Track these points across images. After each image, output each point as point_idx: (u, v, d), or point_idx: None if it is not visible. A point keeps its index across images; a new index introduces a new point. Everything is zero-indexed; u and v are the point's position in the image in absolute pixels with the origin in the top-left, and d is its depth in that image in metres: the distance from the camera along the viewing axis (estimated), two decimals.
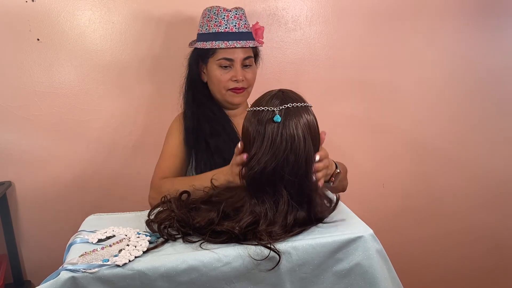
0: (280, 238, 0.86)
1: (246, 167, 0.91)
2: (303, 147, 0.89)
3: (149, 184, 1.26)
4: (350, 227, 0.91)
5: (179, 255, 0.83)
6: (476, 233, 1.99)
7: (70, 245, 0.91)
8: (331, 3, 1.67)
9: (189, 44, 1.31)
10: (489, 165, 1.93)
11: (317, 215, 0.93)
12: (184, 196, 1.03)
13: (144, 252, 0.84)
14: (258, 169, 0.89)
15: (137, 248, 0.85)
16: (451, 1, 1.75)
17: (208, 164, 1.20)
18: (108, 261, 0.81)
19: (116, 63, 1.56)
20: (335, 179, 1.09)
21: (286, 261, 0.85)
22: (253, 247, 0.84)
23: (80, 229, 0.99)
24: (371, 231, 0.89)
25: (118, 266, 0.80)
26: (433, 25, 1.76)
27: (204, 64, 1.28)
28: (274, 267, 0.84)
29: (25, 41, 1.49)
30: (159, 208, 1.00)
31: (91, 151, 1.61)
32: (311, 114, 0.94)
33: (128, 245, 0.86)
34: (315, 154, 0.95)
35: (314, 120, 0.94)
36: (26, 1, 1.47)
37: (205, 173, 1.14)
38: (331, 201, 1.00)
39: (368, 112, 1.79)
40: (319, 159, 0.96)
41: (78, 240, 0.92)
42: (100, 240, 0.92)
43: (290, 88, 0.98)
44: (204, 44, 1.23)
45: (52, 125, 1.56)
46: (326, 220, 0.94)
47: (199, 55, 1.28)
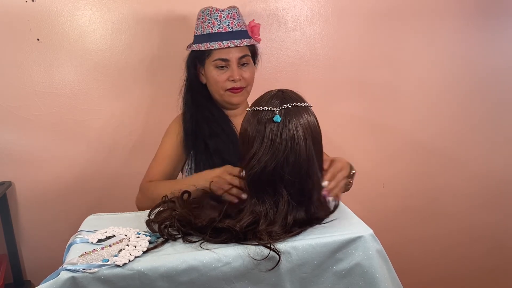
0: (280, 238, 0.86)
1: (246, 167, 0.91)
2: (304, 147, 0.89)
3: None
4: (350, 227, 0.91)
5: (179, 255, 0.83)
6: (476, 233, 1.99)
7: (70, 245, 0.91)
8: (331, 3, 1.67)
9: (187, 48, 1.31)
10: (489, 165, 1.93)
11: (317, 215, 0.93)
12: (185, 196, 1.03)
13: (144, 252, 0.84)
14: (258, 169, 0.89)
15: (137, 248, 0.85)
16: (451, 1, 1.75)
17: (208, 165, 1.20)
18: (108, 261, 0.81)
19: (116, 63, 1.56)
20: (352, 180, 1.11)
21: (286, 261, 0.85)
22: (253, 247, 0.84)
23: (80, 229, 0.99)
24: (371, 231, 0.89)
25: (118, 266, 0.80)
26: (433, 25, 1.76)
27: (202, 66, 1.28)
28: (274, 267, 0.84)
29: (25, 41, 1.49)
30: (160, 208, 1.00)
31: (91, 151, 1.61)
32: (311, 114, 0.94)
33: (128, 245, 0.86)
34: (322, 181, 0.97)
35: (315, 120, 0.94)
36: (26, 1, 1.47)
37: (186, 178, 1.16)
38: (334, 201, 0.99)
39: (368, 112, 1.79)
40: (327, 183, 0.98)
41: (78, 240, 0.92)
42: (100, 240, 0.92)
43: (290, 88, 0.98)
44: (199, 46, 1.24)
45: (52, 125, 1.56)
46: (326, 220, 0.94)
47: (196, 57, 1.28)
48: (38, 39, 1.50)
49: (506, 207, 1.99)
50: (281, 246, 0.85)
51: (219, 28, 1.22)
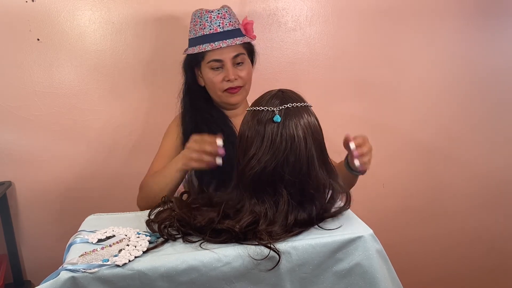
0: (280, 238, 0.86)
1: (246, 167, 0.91)
2: (304, 147, 0.89)
3: None
4: (350, 227, 0.91)
5: (179, 255, 0.83)
6: (476, 233, 1.99)
7: (70, 245, 0.91)
8: (331, 3, 1.67)
9: (183, 52, 1.31)
10: (489, 165, 1.93)
11: (319, 215, 0.93)
12: (185, 196, 1.03)
13: (144, 252, 0.84)
14: (258, 169, 0.89)
15: (137, 248, 0.85)
16: (451, 1, 1.75)
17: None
18: (108, 261, 0.81)
19: (116, 63, 1.56)
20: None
21: (286, 261, 0.85)
22: (253, 247, 0.84)
23: (80, 229, 0.99)
24: (371, 231, 0.89)
25: (118, 266, 0.80)
26: (433, 25, 1.76)
27: (199, 69, 1.28)
28: (274, 267, 0.84)
29: (25, 41, 1.49)
30: (160, 208, 1.00)
31: (91, 151, 1.61)
32: (312, 114, 0.94)
33: (128, 245, 0.86)
34: (350, 142, 1.01)
35: (315, 120, 0.94)
36: (26, 1, 1.47)
37: (168, 163, 1.16)
38: (347, 199, 0.98)
39: (368, 112, 1.78)
40: (356, 145, 1.01)
41: (78, 240, 0.92)
42: (100, 240, 0.92)
43: (290, 88, 0.98)
44: (193, 49, 1.24)
45: (52, 125, 1.56)
46: (326, 220, 0.94)
47: (192, 61, 1.28)
48: (38, 39, 1.50)
49: (506, 207, 1.99)
50: (281, 246, 0.85)
51: (210, 29, 1.22)
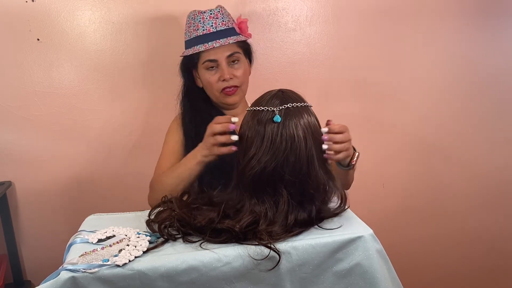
0: (280, 238, 0.86)
1: (246, 167, 0.91)
2: (304, 147, 0.89)
3: (149, 184, 1.26)
4: (350, 227, 0.91)
5: (179, 255, 0.83)
6: (476, 233, 1.99)
7: (70, 245, 0.91)
8: (331, 3, 1.67)
9: (180, 55, 1.32)
10: (489, 165, 1.93)
11: (319, 215, 0.93)
12: (185, 196, 1.03)
13: (144, 252, 0.84)
14: (258, 169, 0.89)
15: (137, 248, 0.85)
16: (451, 1, 1.75)
17: (207, 166, 1.20)
18: (108, 261, 0.81)
19: (116, 63, 1.56)
20: (356, 161, 1.07)
21: (286, 261, 0.85)
22: (253, 247, 0.84)
23: (80, 229, 0.99)
24: (371, 231, 0.89)
25: (118, 266, 0.80)
26: (433, 25, 1.76)
27: (196, 70, 1.28)
28: (274, 267, 0.84)
29: (25, 41, 1.49)
30: (160, 208, 1.00)
31: (91, 151, 1.61)
32: (312, 114, 0.94)
33: (128, 245, 0.86)
34: (324, 127, 0.95)
35: (315, 120, 0.94)
36: (26, 1, 1.47)
37: (185, 157, 1.16)
38: (342, 199, 0.98)
39: (368, 112, 1.78)
40: (329, 131, 0.95)
41: (78, 240, 0.92)
42: (100, 240, 0.92)
43: (290, 88, 0.98)
44: (188, 51, 1.25)
45: (52, 125, 1.56)
46: (326, 220, 0.94)
47: (188, 63, 1.29)
48: (38, 39, 1.50)
49: (506, 207, 1.99)
50: (281, 246, 0.85)
51: (204, 30, 1.23)
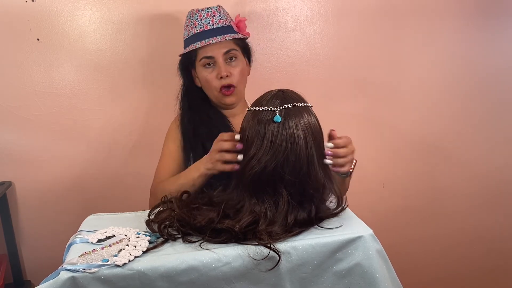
0: (280, 238, 0.86)
1: (246, 167, 0.91)
2: (304, 147, 0.89)
3: (149, 184, 1.26)
4: (350, 227, 0.91)
5: (179, 255, 0.83)
6: (476, 233, 1.99)
7: (70, 245, 0.91)
8: (331, 3, 1.67)
9: (179, 55, 1.32)
10: (489, 165, 1.93)
11: (319, 215, 0.93)
12: (185, 196, 1.03)
13: (144, 252, 0.84)
14: (258, 169, 0.89)
15: (137, 248, 0.85)
16: (451, 1, 1.75)
17: None
18: (108, 261, 0.81)
19: (116, 63, 1.56)
20: (353, 169, 1.08)
21: (286, 261, 0.85)
22: (253, 247, 0.84)
23: (80, 229, 0.99)
24: (371, 231, 0.89)
25: (118, 266, 0.80)
26: (433, 25, 1.76)
27: (194, 70, 1.28)
28: (274, 267, 0.84)
29: (25, 41, 1.49)
30: (159, 208, 1.00)
31: (91, 151, 1.61)
32: (312, 114, 0.94)
33: (128, 245, 0.86)
34: (328, 142, 0.97)
35: (316, 120, 0.94)
36: (26, 1, 1.47)
37: (188, 168, 1.16)
38: (339, 200, 0.98)
39: (368, 112, 1.78)
40: (334, 146, 0.97)
41: (78, 240, 0.92)
42: (100, 240, 0.92)
43: (290, 88, 0.98)
44: (186, 50, 1.25)
45: (52, 125, 1.56)
46: (326, 220, 0.94)
47: (186, 61, 1.29)
48: (38, 39, 1.50)
49: (506, 207, 1.99)
50: (281, 246, 0.85)
51: (201, 28, 1.23)
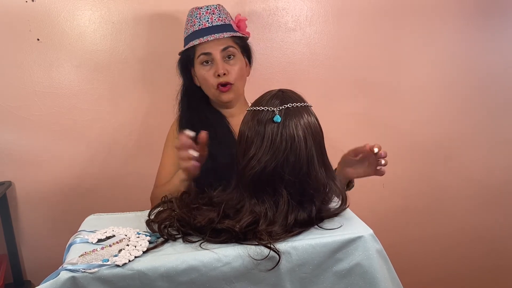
0: (280, 238, 0.86)
1: (246, 167, 0.91)
2: (304, 147, 0.89)
3: (149, 184, 1.26)
4: (350, 227, 0.91)
5: (179, 255, 0.83)
6: (476, 233, 1.99)
7: (70, 245, 0.91)
8: (331, 3, 1.67)
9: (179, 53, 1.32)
10: (490, 165, 1.93)
11: (319, 215, 0.93)
12: (185, 196, 1.03)
13: (144, 252, 0.84)
14: (258, 169, 0.89)
15: (137, 248, 0.85)
16: (451, 1, 1.75)
17: (204, 170, 1.20)
18: (108, 261, 0.81)
19: (116, 63, 1.56)
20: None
21: (286, 261, 0.85)
22: (253, 247, 0.84)
23: (80, 229, 0.99)
24: (371, 231, 0.89)
25: (118, 266, 0.80)
26: (433, 25, 1.76)
27: (193, 68, 1.28)
28: (274, 267, 0.84)
29: (25, 41, 1.49)
30: (160, 208, 1.00)
31: (91, 151, 1.61)
32: (312, 114, 0.94)
33: (128, 245, 0.86)
34: (373, 147, 1.07)
35: (315, 120, 0.94)
36: (26, 1, 1.47)
37: (176, 174, 1.18)
38: (342, 199, 0.98)
39: (368, 112, 1.78)
40: (379, 150, 1.07)
41: (78, 240, 0.92)
42: (100, 240, 0.92)
43: (290, 88, 0.98)
44: (185, 47, 1.25)
45: (52, 125, 1.56)
46: (327, 220, 0.94)
47: (185, 60, 1.29)
48: (38, 39, 1.50)
49: (506, 207, 1.99)
50: (281, 246, 0.85)
51: (200, 25, 1.23)
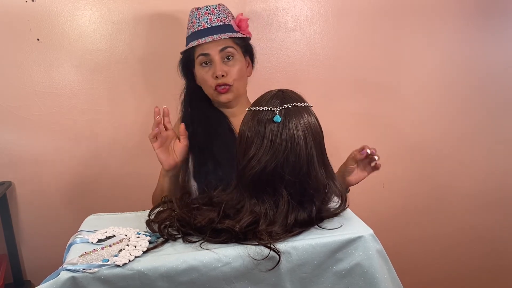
0: (280, 238, 0.86)
1: (246, 167, 0.91)
2: (304, 147, 0.89)
3: (149, 184, 1.26)
4: (350, 227, 0.91)
5: (179, 255, 0.83)
6: (476, 233, 1.99)
7: (70, 245, 0.91)
8: (331, 3, 1.67)
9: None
10: (490, 165, 1.93)
11: (319, 215, 0.93)
12: (185, 196, 1.03)
13: (144, 252, 0.84)
14: (258, 169, 0.89)
15: (137, 248, 0.85)
16: (451, 1, 1.75)
17: (203, 170, 1.20)
18: (108, 261, 0.81)
19: (116, 63, 1.56)
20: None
21: (286, 261, 0.85)
22: (253, 247, 0.84)
23: (80, 229, 0.99)
24: (371, 231, 0.89)
25: (118, 266, 0.80)
26: (433, 25, 1.76)
27: (194, 68, 1.28)
28: (274, 267, 0.84)
29: (25, 41, 1.49)
30: (160, 208, 1.00)
31: (91, 151, 1.61)
32: (312, 114, 0.94)
33: (128, 245, 0.86)
34: (364, 151, 1.12)
35: (315, 120, 0.94)
36: (26, 1, 1.47)
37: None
38: (342, 199, 0.98)
39: (368, 112, 1.78)
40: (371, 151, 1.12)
41: (78, 240, 0.92)
42: (100, 240, 0.92)
43: (290, 88, 0.98)
44: (185, 48, 1.25)
45: (52, 125, 1.56)
46: (327, 220, 0.94)
47: (186, 60, 1.29)
48: (38, 39, 1.50)
49: (506, 207, 1.99)
50: (281, 246, 0.85)
51: (199, 26, 1.23)
